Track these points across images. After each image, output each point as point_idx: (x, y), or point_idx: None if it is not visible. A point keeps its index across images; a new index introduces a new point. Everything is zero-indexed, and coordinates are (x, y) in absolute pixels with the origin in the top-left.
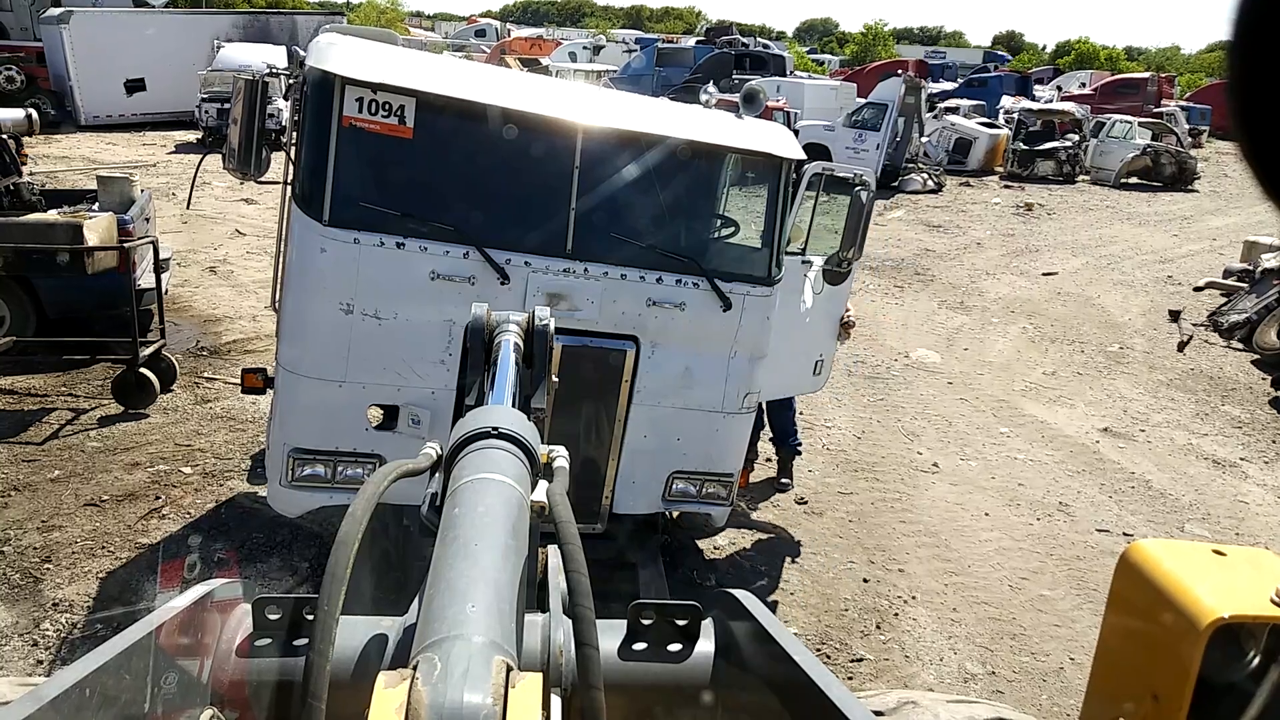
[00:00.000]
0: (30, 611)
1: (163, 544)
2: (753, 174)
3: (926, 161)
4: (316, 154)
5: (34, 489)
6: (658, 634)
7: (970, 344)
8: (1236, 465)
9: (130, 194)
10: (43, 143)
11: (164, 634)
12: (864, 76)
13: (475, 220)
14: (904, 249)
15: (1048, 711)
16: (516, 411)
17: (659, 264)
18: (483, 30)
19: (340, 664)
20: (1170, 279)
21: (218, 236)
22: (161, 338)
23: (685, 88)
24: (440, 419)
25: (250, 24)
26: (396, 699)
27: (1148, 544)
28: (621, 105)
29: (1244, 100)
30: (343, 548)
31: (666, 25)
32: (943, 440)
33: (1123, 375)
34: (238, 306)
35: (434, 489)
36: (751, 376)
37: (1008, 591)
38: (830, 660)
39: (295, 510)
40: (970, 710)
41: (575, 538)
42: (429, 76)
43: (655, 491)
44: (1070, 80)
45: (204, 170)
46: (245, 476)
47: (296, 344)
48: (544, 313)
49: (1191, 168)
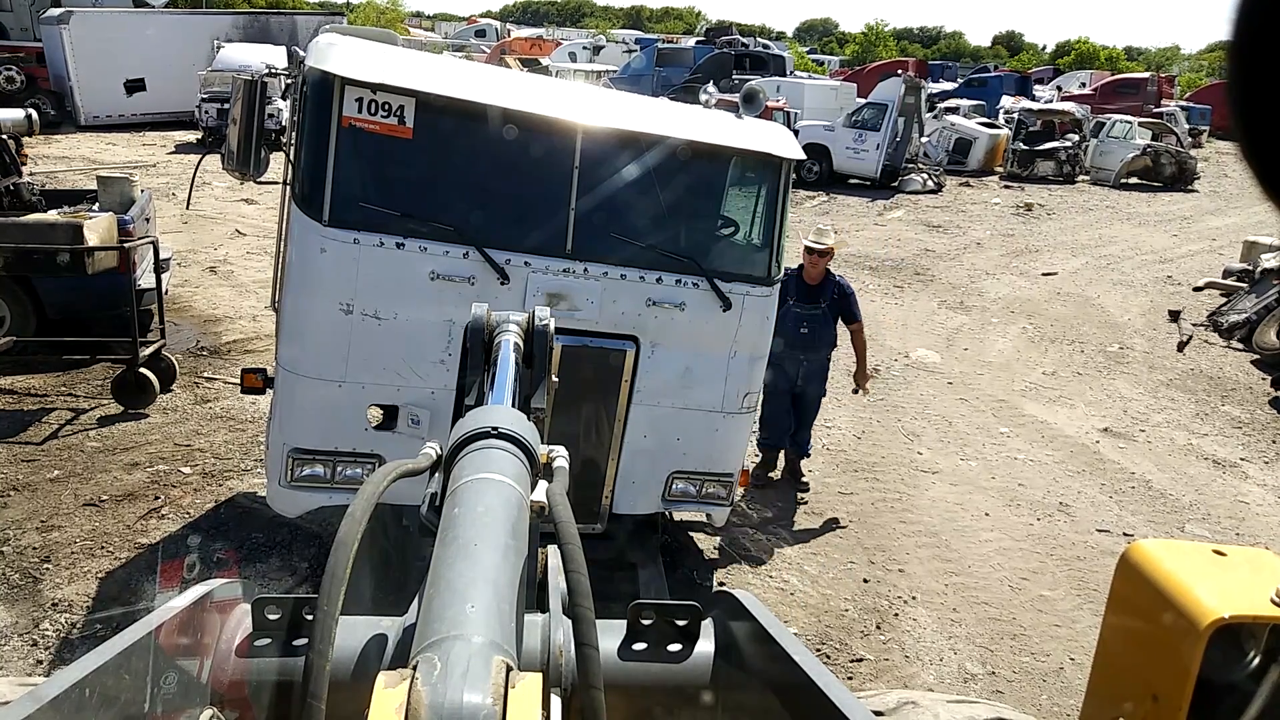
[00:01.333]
0: (30, 611)
1: (162, 544)
2: (752, 174)
3: (926, 161)
4: (316, 154)
5: (33, 489)
6: (658, 634)
7: (970, 344)
8: (1236, 465)
9: (130, 194)
10: (43, 143)
11: (164, 634)
12: (864, 76)
13: (475, 220)
14: (904, 249)
15: (1048, 711)
16: (516, 411)
17: (659, 264)
18: (483, 30)
19: (340, 664)
20: (1170, 279)
21: (218, 236)
22: (161, 338)
23: (685, 88)
24: (440, 419)
25: (250, 24)
26: (396, 699)
27: (1148, 544)
28: (621, 105)
29: (1244, 100)
30: (342, 548)
31: (666, 25)
32: (943, 440)
33: (1123, 375)
34: (238, 306)
35: (434, 489)
36: (751, 376)
37: (1008, 591)
38: (830, 660)
39: (295, 510)
40: (970, 710)
41: (575, 538)
42: (429, 77)
43: (655, 491)
44: (1070, 80)
45: (204, 170)
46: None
47: (296, 344)
48: (544, 313)
49: (1191, 168)
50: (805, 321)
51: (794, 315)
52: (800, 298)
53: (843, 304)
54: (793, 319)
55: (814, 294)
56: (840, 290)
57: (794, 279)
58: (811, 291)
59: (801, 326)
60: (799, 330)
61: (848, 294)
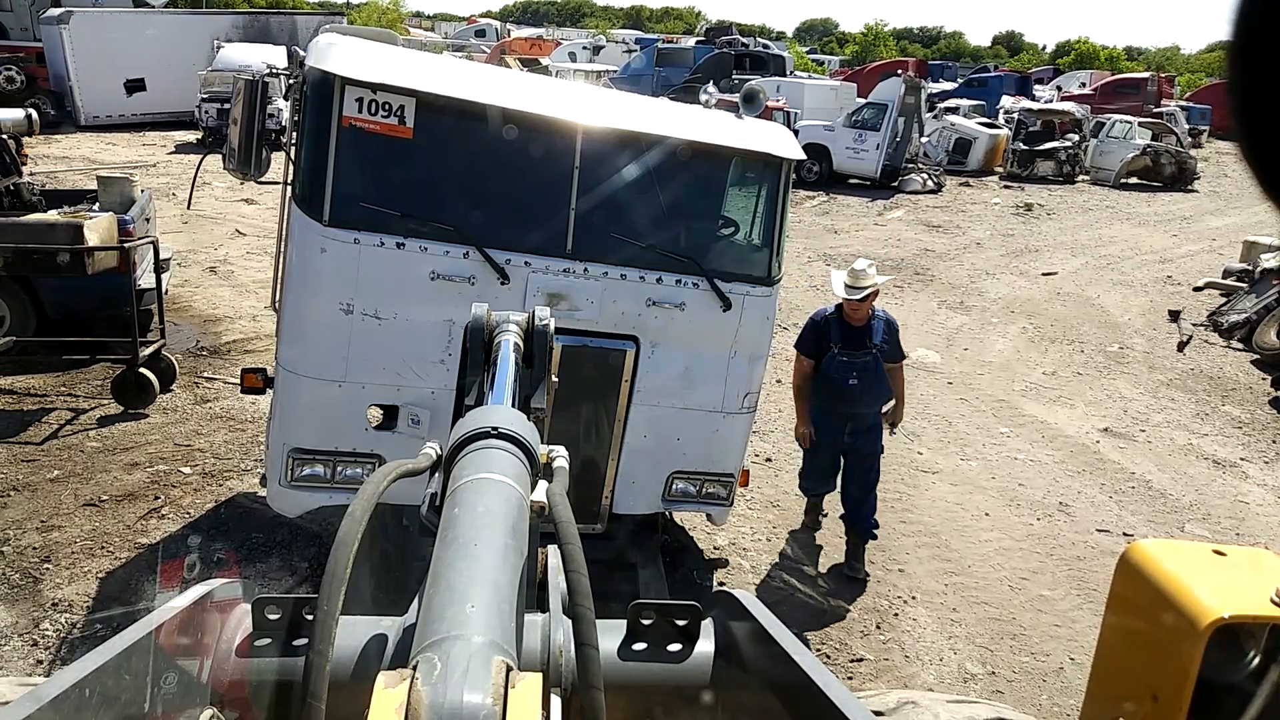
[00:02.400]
0: (30, 611)
1: (162, 544)
2: (752, 174)
3: (926, 161)
4: (316, 154)
5: (33, 489)
6: (657, 634)
7: (970, 344)
8: (1236, 465)
9: (130, 194)
10: (43, 143)
11: (164, 634)
12: (864, 76)
13: (475, 220)
14: (904, 249)
15: (1048, 711)
16: (516, 411)
17: (659, 264)
18: (483, 30)
19: (340, 664)
20: (1170, 279)
21: (218, 236)
22: (161, 338)
23: (685, 88)
24: (440, 419)
25: (250, 24)
26: (396, 699)
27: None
28: (621, 105)
29: (1244, 100)
30: (342, 548)
31: (666, 25)
32: (943, 440)
33: (1123, 375)
34: (238, 306)
35: (434, 489)
36: (752, 377)
37: (1008, 591)
38: (830, 660)
39: (295, 510)
40: (970, 710)
41: (575, 538)
42: (429, 76)
43: (655, 491)
44: (1070, 80)
45: (204, 170)
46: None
47: (296, 344)
48: (544, 313)
49: (1191, 168)
50: (855, 372)
51: (840, 365)
52: (846, 343)
53: (893, 344)
54: (839, 369)
55: (861, 338)
56: (891, 328)
57: (835, 322)
58: (857, 335)
59: (850, 378)
60: (847, 382)
61: (895, 329)
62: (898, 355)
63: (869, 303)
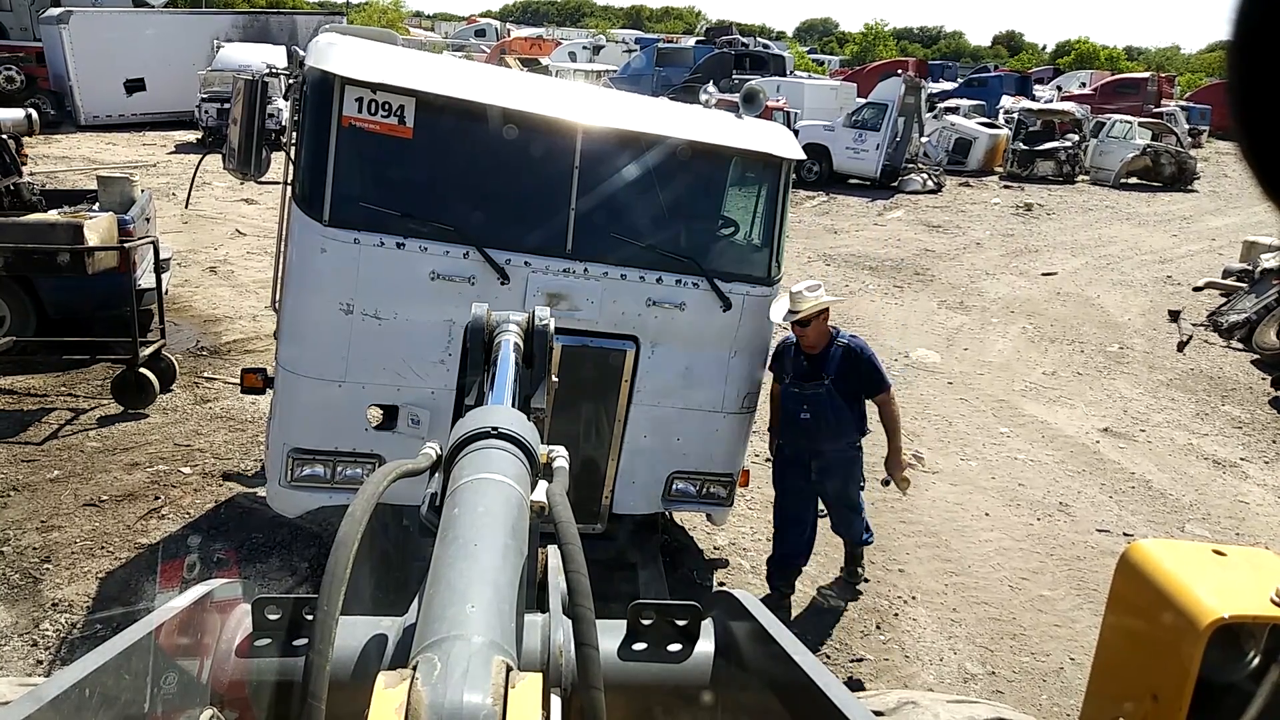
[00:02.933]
0: (30, 611)
1: (162, 544)
2: (752, 174)
3: (926, 161)
4: (316, 154)
5: (33, 489)
6: (657, 634)
7: (970, 344)
8: (1236, 465)
9: (130, 194)
10: (43, 143)
11: (164, 634)
12: (864, 76)
13: (475, 220)
14: (904, 249)
15: (1048, 711)
16: (516, 411)
17: (659, 264)
18: (483, 30)
19: (340, 664)
20: (1170, 279)
21: (218, 236)
22: (161, 338)
23: (685, 88)
24: (440, 419)
25: (250, 24)
26: (396, 699)
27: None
28: (621, 105)
29: (1244, 100)
30: (342, 548)
31: (666, 25)
32: (943, 440)
33: (1123, 375)
34: (238, 306)
35: (434, 489)
36: (752, 377)
37: (1008, 591)
38: (830, 660)
39: (295, 510)
40: (970, 710)
41: (575, 538)
42: (429, 76)
43: (655, 491)
44: (1070, 80)
45: (204, 170)
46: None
47: (296, 344)
48: (544, 313)
49: (1191, 168)
50: (805, 405)
51: (791, 395)
52: (797, 373)
53: (855, 375)
54: (790, 399)
55: (814, 367)
56: (851, 357)
57: (790, 349)
58: (811, 364)
59: (801, 411)
60: (799, 416)
61: (860, 358)
62: (877, 386)
63: (821, 328)
